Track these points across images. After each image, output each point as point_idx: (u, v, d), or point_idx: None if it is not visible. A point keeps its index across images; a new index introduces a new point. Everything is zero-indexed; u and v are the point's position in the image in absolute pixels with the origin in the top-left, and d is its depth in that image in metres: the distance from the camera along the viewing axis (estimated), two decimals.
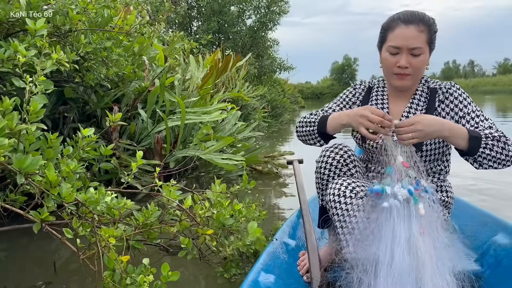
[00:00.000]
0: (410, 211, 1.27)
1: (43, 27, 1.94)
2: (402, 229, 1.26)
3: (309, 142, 1.66)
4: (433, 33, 1.49)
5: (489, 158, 1.36)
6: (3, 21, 2.05)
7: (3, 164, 1.38)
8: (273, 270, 1.47)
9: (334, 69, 53.40)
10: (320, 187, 1.63)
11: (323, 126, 1.55)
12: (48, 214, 1.54)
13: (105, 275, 1.48)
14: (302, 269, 1.64)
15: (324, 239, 1.97)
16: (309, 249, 1.54)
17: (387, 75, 1.56)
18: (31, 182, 1.51)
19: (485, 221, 1.85)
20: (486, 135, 1.36)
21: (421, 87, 1.59)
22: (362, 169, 1.64)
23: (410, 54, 1.46)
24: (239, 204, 1.76)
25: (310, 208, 1.95)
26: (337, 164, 1.55)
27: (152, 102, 3.09)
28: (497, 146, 1.35)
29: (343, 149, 1.57)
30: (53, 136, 1.61)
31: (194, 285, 1.83)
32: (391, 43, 1.48)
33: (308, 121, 1.63)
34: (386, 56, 1.51)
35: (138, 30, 2.36)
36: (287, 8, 14.18)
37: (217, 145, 2.87)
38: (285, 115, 11.48)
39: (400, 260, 1.23)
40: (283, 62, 14.72)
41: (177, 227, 1.85)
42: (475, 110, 1.49)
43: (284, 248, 1.70)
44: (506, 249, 1.59)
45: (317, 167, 1.62)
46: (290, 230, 1.88)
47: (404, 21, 1.46)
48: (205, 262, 1.86)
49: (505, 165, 1.38)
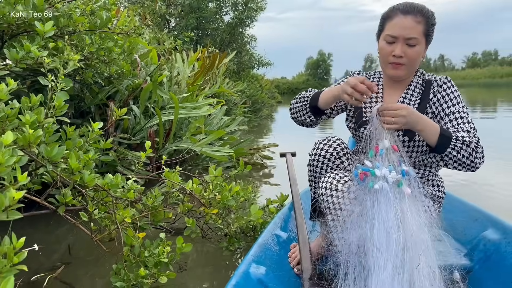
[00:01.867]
0: (399, 192, 1.31)
1: (51, 29, 2.10)
2: (393, 209, 1.28)
3: (301, 119, 1.67)
4: (430, 26, 1.50)
5: (455, 160, 1.39)
6: (12, 23, 2.19)
7: (32, 153, 1.55)
8: (264, 262, 1.48)
9: (309, 64, 53.95)
10: (313, 179, 1.64)
11: (315, 100, 1.58)
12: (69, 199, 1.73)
13: (124, 250, 1.67)
14: (293, 261, 1.67)
15: (316, 232, 1.99)
16: (300, 242, 1.54)
17: (383, 64, 1.56)
18: (54, 171, 1.68)
19: (476, 217, 1.87)
20: (457, 138, 1.38)
21: (416, 79, 1.60)
22: (355, 161, 1.65)
23: (406, 44, 1.47)
24: (236, 186, 1.99)
25: (302, 201, 1.95)
26: (330, 157, 1.56)
27: (145, 98, 3.27)
28: (465, 150, 1.37)
29: (336, 142, 1.59)
30: (71, 129, 1.79)
31: (201, 259, 2.04)
32: (388, 32, 1.49)
33: (302, 96, 1.66)
34: (382, 45, 1.52)
35: (136, 31, 2.54)
36: (264, 5, 14.45)
37: (209, 138, 3.08)
38: (264, 110, 11.72)
39: (392, 240, 1.25)
40: (261, 58, 14.99)
41: (180, 208, 2.07)
42: (460, 111, 1.50)
43: (275, 240, 1.71)
44: (496, 244, 1.61)
45: (310, 159, 1.64)
46: (282, 222, 1.89)
47: (402, 11, 1.47)
48: (207, 240, 2.08)
49: (469, 169, 1.41)
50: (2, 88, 1.52)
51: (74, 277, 1.83)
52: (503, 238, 1.62)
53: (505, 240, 1.60)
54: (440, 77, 1.59)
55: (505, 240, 1.60)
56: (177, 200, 2.12)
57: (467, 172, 1.44)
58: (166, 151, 3.36)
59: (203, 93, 4.17)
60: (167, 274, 1.61)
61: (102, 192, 1.81)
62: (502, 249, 1.58)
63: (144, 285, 1.57)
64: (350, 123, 1.68)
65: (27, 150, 1.55)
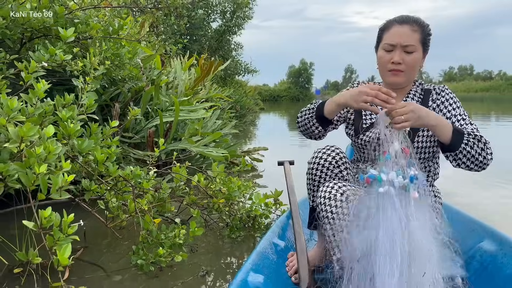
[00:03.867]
0: (406, 198, 1.28)
1: (72, 35, 2.32)
2: (398, 215, 1.26)
3: (308, 131, 1.67)
4: (426, 35, 1.56)
5: (468, 156, 1.39)
6: (35, 28, 2.40)
7: (68, 145, 1.77)
8: (262, 270, 1.49)
9: (291, 73, 54.42)
10: (311, 188, 1.64)
11: (321, 110, 1.57)
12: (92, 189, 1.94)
13: (142, 233, 1.89)
14: (291, 270, 1.67)
15: (313, 241, 2.00)
16: (298, 250, 1.52)
17: (382, 72, 1.60)
18: (79, 163, 1.89)
19: (473, 227, 1.86)
20: (469, 133, 1.40)
21: (415, 88, 1.65)
22: (353, 171, 1.66)
23: (404, 51, 1.52)
24: (239, 181, 2.24)
25: (300, 209, 1.93)
26: (329, 166, 1.58)
27: (146, 100, 3.49)
28: (477, 145, 1.38)
29: (335, 151, 1.60)
30: (95, 126, 2.01)
31: (207, 245, 2.26)
32: (386, 41, 1.55)
33: (307, 108, 1.67)
34: (381, 54, 1.57)
35: (146, 39, 2.76)
36: (251, 14, 14.82)
37: (207, 139, 3.31)
38: (248, 116, 12.00)
39: (397, 246, 1.23)
40: (247, 65, 15.32)
41: (186, 200, 2.30)
42: (462, 113, 1.54)
43: (273, 248, 1.72)
44: (492, 256, 1.60)
45: (308, 168, 1.64)
46: (280, 230, 1.90)
47: (399, 21, 1.55)
48: (210, 229, 2.32)
49: (480, 167, 1.42)
50: (39, 86, 1.74)
51: (93, 258, 2.03)
52: (499, 249, 1.61)
53: (502, 251, 1.59)
54: (438, 86, 1.64)
55: (501, 252, 1.59)
56: (183, 193, 2.36)
57: (473, 172, 1.44)
58: (164, 150, 3.57)
59: (197, 98, 4.41)
60: (181, 254, 1.84)
61: (122, 182, 2.03)
62: (499, 261, 1.57)
63: (162, 262, 1.80)
64: (350, 130, 1.71)
65: (62, 143, 1.77)
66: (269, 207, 2.36)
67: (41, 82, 1.75)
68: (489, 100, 32.85)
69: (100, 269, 1.91)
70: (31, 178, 1.37)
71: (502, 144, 6.25)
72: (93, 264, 1.95)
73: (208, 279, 1.86)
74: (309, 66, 53.36)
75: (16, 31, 2.34)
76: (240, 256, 2.12)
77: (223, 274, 1.92)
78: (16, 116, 1.55)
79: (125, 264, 1.95)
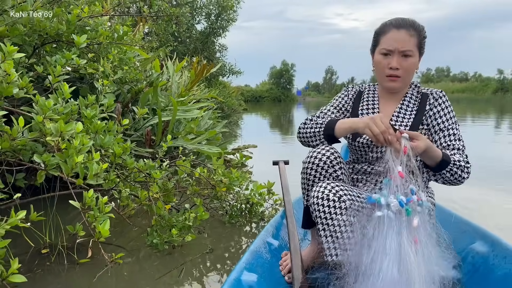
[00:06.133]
0: (402, 222, 1.28)
1: (85, 41, 2.57)
2: (393, 239, 1.26)
3: (312, 144, 1.67)
4: (422, 38, 1.58)
5: (446, 179, 1.50)
6: (51, 34, 2.63)
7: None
8: (255, 269, 1.49)
9: (272, 74, 54.92)
10: (306, 187, 1.64)
11: (330, 129, 1.57)
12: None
13: (155, 218, 2.16)
14: (284, 269, 1.67)
15: (307, 240, 2.02)
16: (291, 250, 1.53)
17: (380, 77, 1.62)
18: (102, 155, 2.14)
19: (464, 229, 1.86)
20: (454, 162, 1.47)
21: (411, 91, 1.67)
22: (348, 171, 1.67)
23: (401, 56, 1.55)
24: (237, 172, 2.53)
25: (294, 209, 1.95)
26: (324, 165, 1.57)
27: (145, 101, 3.74)
28: (456, 173, 1.48)
29: (330, 151, 1.58)
30: (111, 123, 2.26)
31: (209, 229, 2.54)
32: (383, 45, 1.57)
33: (314, 122, 1.65)
34: (378, 59, 1.59)
35: (149, 45, 3.02)
36: (235, 16, 15.14)
37: (202, 137, 3.59)
38: (233, 116, 12.28)
39: (388, 270, 1.23)
40: (231, 66, 15.65)
41: (189, 190, 2.57)
42: (454, 127, 1.59)
43: (267, 247, 1.72)
44: (484, 257, 1.61)
45: (303, 167, 1.64)
46: (274, 230, 1.91)
47: (395, 26, 1.56)
48: (212, 216, 2.59)
49: (453, 185, 1.54)
50: (66, 88, 1.99)
51: (109, 240, 2.28)
52: (491, 250, 1.61)
53: (493, 252, 1.59)
54: (435, 90, 1.66)
55: (493, 253, 1.59)
56: (186, 184, 2.63)
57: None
58: (160, 147, 3.83)
59: (190, 98, 4.67)
60: (190, 235, 2.12)
61: (135, 174, 2.29)
62: (490, 262, 1.57)
63: (175, 241, 2.08)
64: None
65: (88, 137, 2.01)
66: (263, 196, 2.65)
67: (63, 84, 2.00)
68: (465, 101, 33.90)
69: (115, 250, 2.17)
70: (71, 166, 1.63)
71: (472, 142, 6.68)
72: (110, 244, 2.20)
73: (212, 256, 2.14)
74: (290, 67, 53.88)
75: (34, 37, 2.57)
76: (238, 240, 2.40)
77: (225, 253, 2.20)
78: (50, 114, 1.80)
79: (138, 247, 2.22)
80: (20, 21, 2.46)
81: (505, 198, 3.39)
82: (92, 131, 1.92)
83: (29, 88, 2.11)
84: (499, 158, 5.46)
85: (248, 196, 2.42)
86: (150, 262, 2.04)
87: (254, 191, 2.43)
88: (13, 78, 1.81)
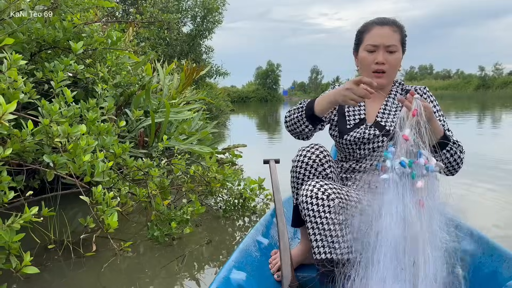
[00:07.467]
0: (406, 184, 1.25)
1: (82, 48, 2.70)
2: (398, 200, 1.25)
3: (298, 130, 1.65)
4: (404, 35, 1.61)
5: (446, 161, 1.44)
6: (48, 41, 2.75)
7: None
8: (244, 267, 1.49)
9: (258, 74, 55.10)
10: (295, 186, 1.64)
11: (310, 109, 1.57)
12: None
13: (154, 212, 2.30)
14: (274, 268, 1.67)
15: (297, 239, 2.02)
16: (281, 248, 1.54)
17: (366, 74, 1.61)
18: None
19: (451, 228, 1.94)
20: (454, 142, 1.45)
21: (395, 88, 1.69)
22: (337, 170, 1.67)
23: (386, 52, 1.57)
24: (230, 169, 2.68)
25: (285, 208, 1.95)
26: (313, 164, 1.57)
27: (138, 103, 3.86)
28: (456, 153, 1.44)
29: (319, 149, 1.59)
30: (110, 125, 2.39)
31: (206, 223, 2.68)
32: (368, 42, 1.59)
33: (296, 107, 1.65)
34: (364, 55, 1.60)
35: (142, 50, 3.15)
36: (221, 19, 15.29)
37: (194, 137, 3.73)
38: (220, 117, 12.41)
39: (393, 230, 1.22)
40: (218, 68, 15.79)
41: (185, 187, 2.72)
42: (441, 119, 1.57)
43: (256, 246, 1.73)
44: (471, 256, 1.59)
45: (293, 166, 1.63)
46: (264, 228, 1.91)
47: (379, 23, 1.59)
48: (207, 211, 2.74)
49: (451, 173, 1.50)
50: (68, 93, 2.12)
51: (110, 235, 2.42)
52: (477, 248, 1.62)
53: (480, 251, 1.61)
54: (419, 86, 1.69)
55: (480, 251, 1.61)
56: (182, 182, 2.77)
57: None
58: (155, 147, 3.96)
59: (181, 100, 4.81)
60: (188, 228, 2.26)
61: (135, 172, 2.43)
62: (477, 260, 1.58)
63: (174, 234, 2.22)
64: (334, 131, 1.74)
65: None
66: (254, 191, 2.81)
67: (65, 89, 2.13)
68: (448, 98, 34.53)
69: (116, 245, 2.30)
70: (79, 165, 1.76)
71: None
72: (113, 238, 2.34)
73: (210, 248, 2.29)
74: (276, 67, 54.12)
75: (33, 44, 2.68)
76: (232, 233, 2.55)
77: (221, 244, 2.35)
78: (57, 118, 1.93)
79: (138, 241, 2.35)
80: (20, 30, 2.58)
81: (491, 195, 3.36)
82: (95, 133, 2.05)
83: (32, 93, 2.24)
84: (483, 154, 5.38)
85: (241, 191, 2.58)
86: (152, 254, 2.18)
87: (247, 185, 2.59)
88: (20, 84, 1.94)
